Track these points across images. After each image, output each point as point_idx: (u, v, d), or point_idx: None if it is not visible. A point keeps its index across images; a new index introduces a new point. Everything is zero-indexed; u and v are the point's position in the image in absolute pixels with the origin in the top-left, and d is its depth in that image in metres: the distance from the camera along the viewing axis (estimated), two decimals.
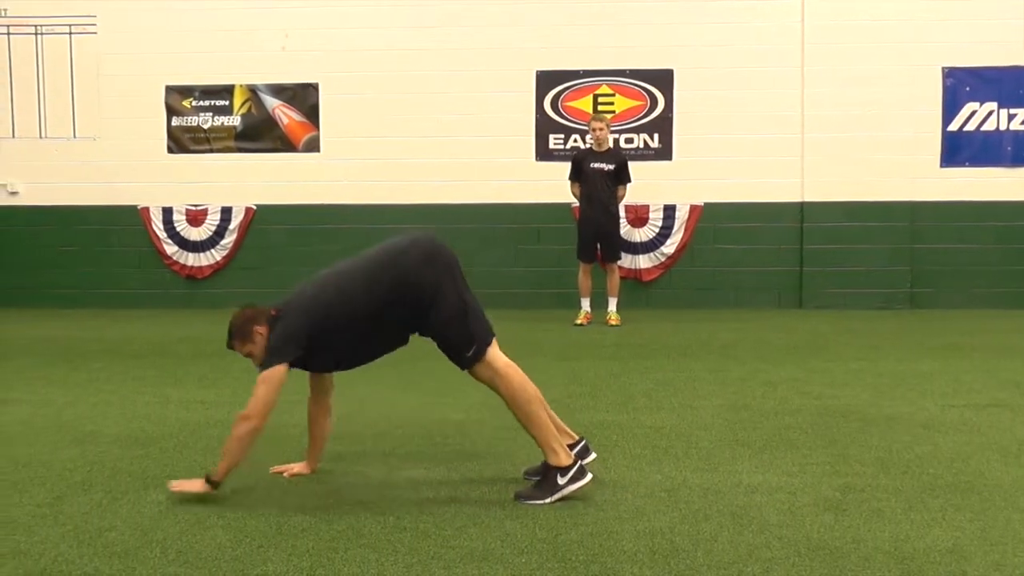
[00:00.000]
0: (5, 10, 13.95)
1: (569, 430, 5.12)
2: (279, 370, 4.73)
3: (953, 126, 13.17)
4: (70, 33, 13.88)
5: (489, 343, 4.87)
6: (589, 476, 4.74)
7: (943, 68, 13.13)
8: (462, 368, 4.87)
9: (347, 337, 4.80)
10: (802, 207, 13.30)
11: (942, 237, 13.22)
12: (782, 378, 8.04)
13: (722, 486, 4.94)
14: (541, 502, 4.62)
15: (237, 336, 4.90)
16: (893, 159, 13.13)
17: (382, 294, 4.71)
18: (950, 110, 13.17)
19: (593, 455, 5.14)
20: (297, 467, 5.21)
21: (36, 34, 13.93)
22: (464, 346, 4.79)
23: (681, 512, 4.54)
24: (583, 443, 5.12)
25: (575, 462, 4.72)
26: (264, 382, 4.72)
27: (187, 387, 7.84)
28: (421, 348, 5.10)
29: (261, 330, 4.84)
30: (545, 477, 4.72)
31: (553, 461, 4.70)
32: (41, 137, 14.04)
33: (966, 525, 4.35)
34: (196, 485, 4.74)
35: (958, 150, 13.17)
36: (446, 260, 4.81)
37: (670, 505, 4.64)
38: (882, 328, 11.35)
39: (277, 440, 5.69)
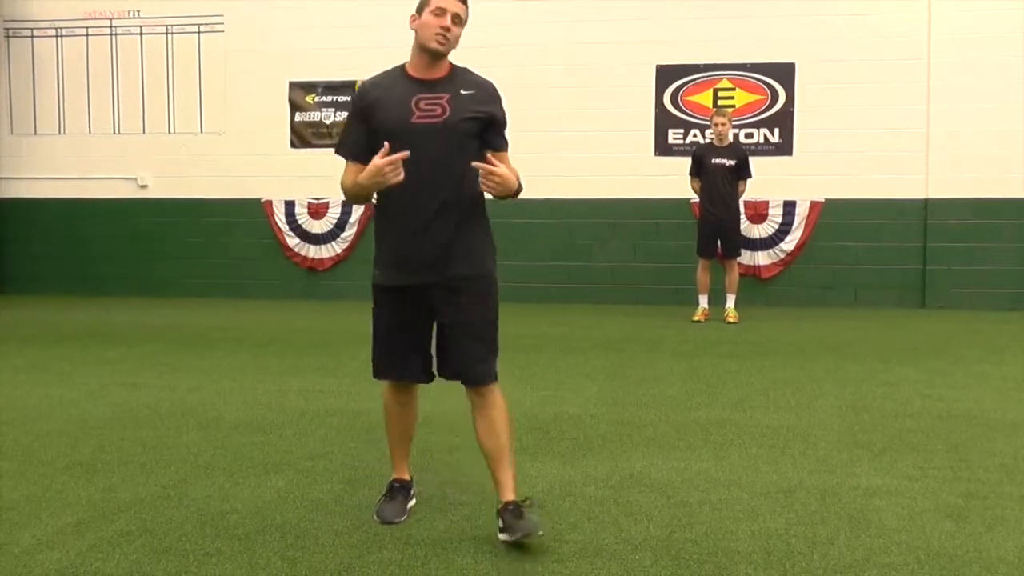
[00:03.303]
0: (138, 11, 14.38)
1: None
2: None
3: None
4: (199, 32, 14.24)
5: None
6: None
7: None
8: (483, 382, 4.25)
9: None
10: (926, 203, 12.98)
11: None
12: (903, 379, 7.86)
13: (840, 488, 4.86)
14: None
15: None
16: (1022, 153, 12.70)
17: None
18: None
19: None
20: None
21: (167, 34, 14.34)
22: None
23: (797, 514, 4.48)
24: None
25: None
26: None
27: (306, 376, 7.99)
28: (535, 341, 5.12)
29: None
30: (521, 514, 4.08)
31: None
32: (170, 132, 14.44)
33: None
34: None
35: None
36: None
37: (786, 506, 4.58)
38: (1009, 330, 11.02)
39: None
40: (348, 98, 13.97)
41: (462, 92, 4.14)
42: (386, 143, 3.97)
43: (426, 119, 4.08)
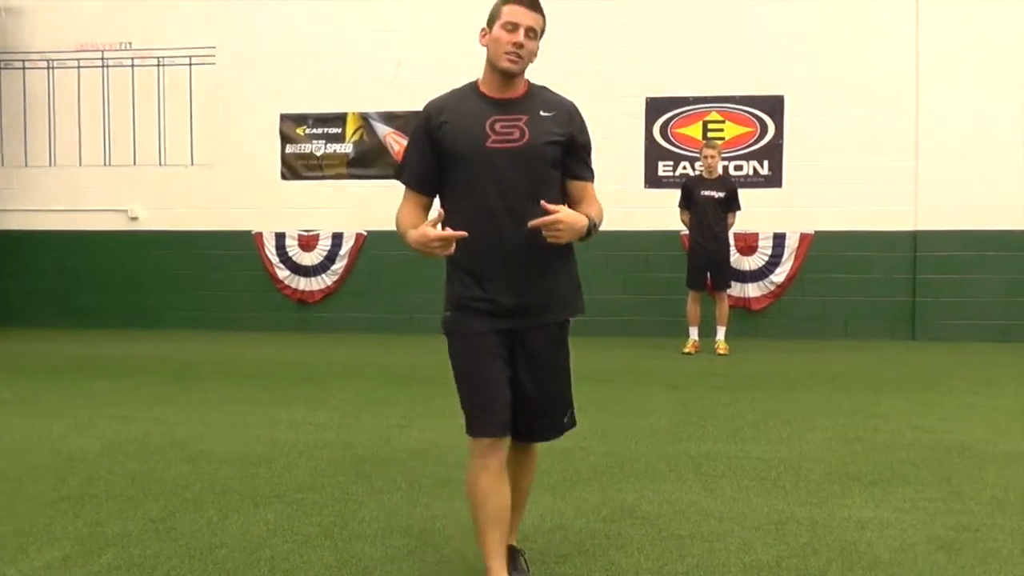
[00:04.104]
0: (130, 43, 14.42)
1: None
2: None
3: None
4: (190, 64, 14.28)
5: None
6: None
7: None
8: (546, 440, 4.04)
9: None
10: (915, 236, 13.01)
11: None
12: (894, 411, 7.86)
13: (831, 520, 4.85)
14: None
15: None
16: (1011, 186, 12.77)
17: None
18: None
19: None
20: None
21: (158, 65, 14.36)
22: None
23: (788, 546, 4.46)
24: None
25: None
26: None
27: (296, 409, 7.96)
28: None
29: None
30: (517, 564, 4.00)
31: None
32: (160, 164, 14.45)
33: None
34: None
35: None
36: None
37: (777, 539, 4.57)
38: (999, 361, 11.04)
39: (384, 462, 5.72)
40: (339, 130, 14.02)
41: (541, 113, 3.75)
42: (440, 210, 3.68)
43: (504, 143, 3.67)
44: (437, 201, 3.85)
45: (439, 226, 3.64)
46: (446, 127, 3.72)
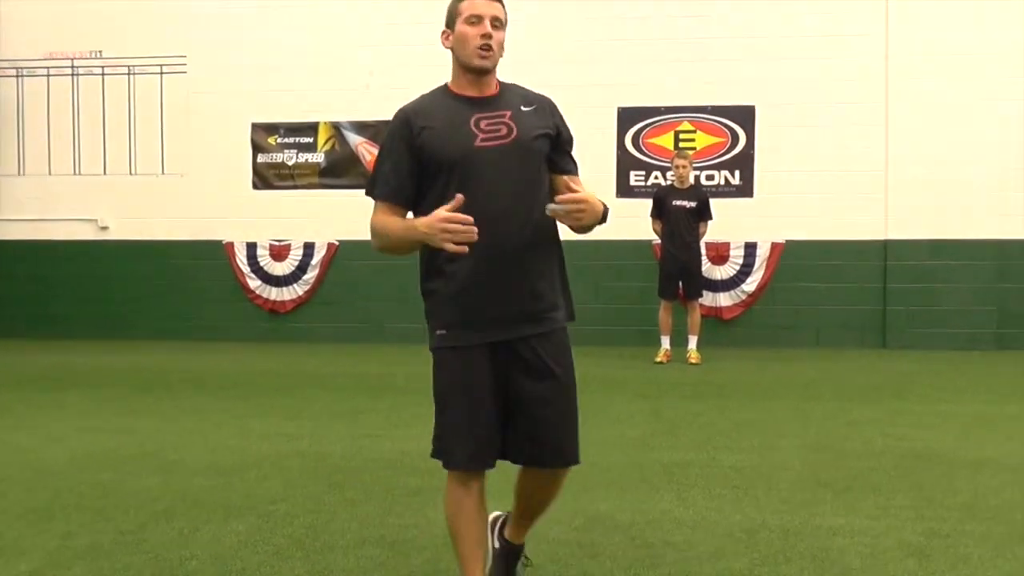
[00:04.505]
0: (100, 52, 14.34)
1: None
2: None
3: None
4: (161, 73, 14.21)
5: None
6: None
7: None
8: (569, 463, 3.71)
9: None
10: (885, 245, 13.11)
11: None
12: (865, 419, 7.90)
13: (803, 528, 4.86)
14: None
15: None
16: (978, 196, 12.90)
17: None
18: None
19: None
20: None
21: (129, 74, 14.30)
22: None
23: (760, 554, 4.47)
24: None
25: None
26: None
27: (268, 419, 7.92)
28: None
29: None
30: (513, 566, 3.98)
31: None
32: (131, 174, 14.37)
33: None
34: None
35: None
36: None
37: (749, 546, 4.58)
38: (968, 369, 11.12)
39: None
40: (310, 139, 13.99)
41: (523, 108, 3.54)
42: (459, 195, 3.28)
43: (493, 141, 3.43)
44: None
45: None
46: (427, 132, 3.45)
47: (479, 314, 3.44)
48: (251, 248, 14.14)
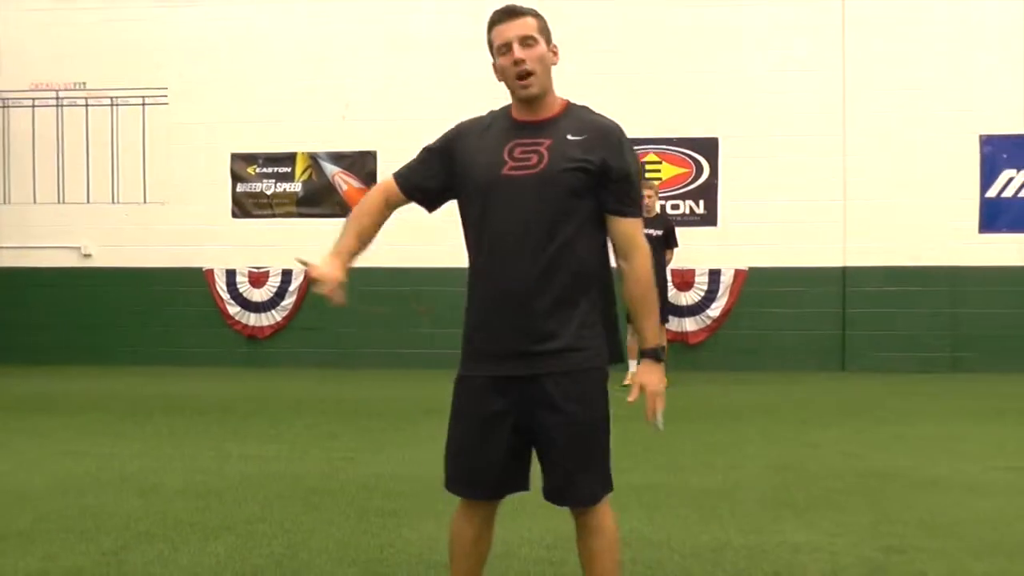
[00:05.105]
0: (84, 83, 14.30)
1: None
2: None
3: (991, 192, 13.06)
4: (143, 104, 14.18)
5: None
6: None
7: (981, 136, 13.05)
8: (582, 503, 3.42)
9: None
10: (844, 272, 13.21)
11: (981, 301, 13.05)
12: (825, 440, 7.94)
13: (766, 546, 4.88)
14: None
15: None
16: (933, 225, 13.03)
17: None
18: (988, 177, 13.06)
19: None
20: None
21: (112, 105, 14.25)
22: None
23: (726, 572, 4.49)
24: None
25: None
26: None
27: (247, 442, 7.87)
28: None
29: None
30: None
31: None
32: (113, 202, 14.30)
33: None
34: None
35: (996, 216, 13.05)
36: None
37: (715, 564, 4.59)
38: (923, 391, 11.20)
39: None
40: (288, 169, 14.00)
41: (568, 137, 3.24)
42: (307, 267, 3.25)
43: (519, 170, 3.19)
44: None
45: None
46: (465, 156, 3.30)
47: (485, 347, 3.28)
48: (230, 275, 14.09)
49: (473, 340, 3.33)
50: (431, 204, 3.46)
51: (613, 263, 3.36)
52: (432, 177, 3.37)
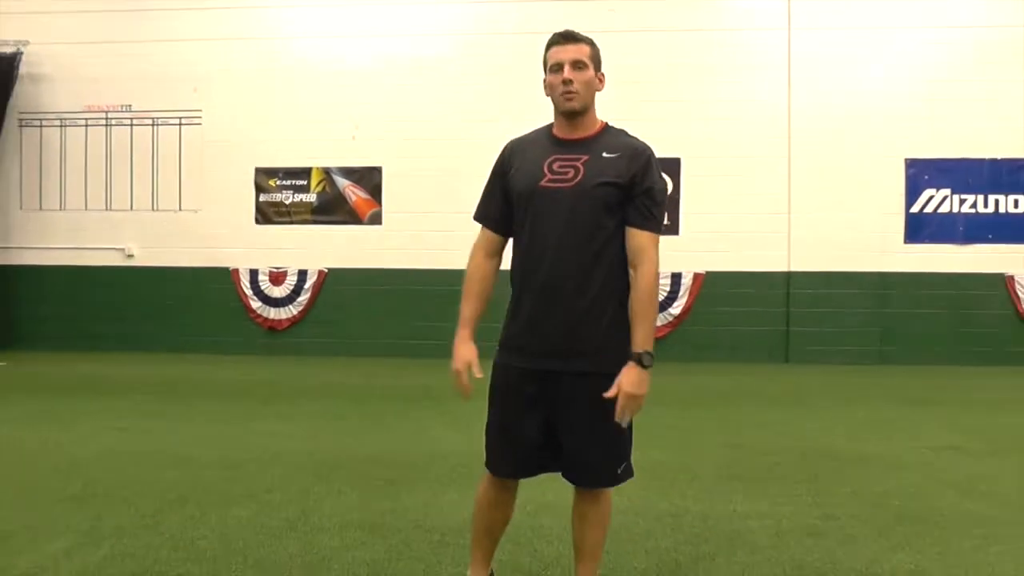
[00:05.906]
0: (130, 105, 14.25)
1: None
2: None
3: (915, 208, 13.12)
4: (180, 124, 14.14)
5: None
6: None
7: (906, 159, 13.12)
8: (595, 485, 3.44)
9: None
10: (789, 276, 13.24)
11: (906, 303, 13.11)
12: (771, 421, 7.97)
13: (719, 513, 4.90)
14: None
15: None
16: (865, 236, 13.08)
17: None
18: (912, 195, 13.12)
19: None
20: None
21: (153, 125, 14.20)
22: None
23: (684, 534, 4.51)
24: None
25: None
26: None
27: (266, 421, 7.86)
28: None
29: None
30: None
31: None
32: (153, 209, 14.26)
33: (926, 550, 4.29)
34: None
35: (919, 229, 13.11)
36: None
37: (675, 528, 4.61)
38: (857, 381, 11.23)
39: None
40: (304, 182, 13.96)
41: (604, 155, 3.16)
42: (465, 384, 3.24)
43: (556, 183, 3.14)
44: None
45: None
46: (514, 169, 3.27)
47: (520, 341, 3.23)
48: (253, 274, 14.05)
49: (511, 333, 3.28)
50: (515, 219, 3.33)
51: None
52: (502, 203, 3.32)
